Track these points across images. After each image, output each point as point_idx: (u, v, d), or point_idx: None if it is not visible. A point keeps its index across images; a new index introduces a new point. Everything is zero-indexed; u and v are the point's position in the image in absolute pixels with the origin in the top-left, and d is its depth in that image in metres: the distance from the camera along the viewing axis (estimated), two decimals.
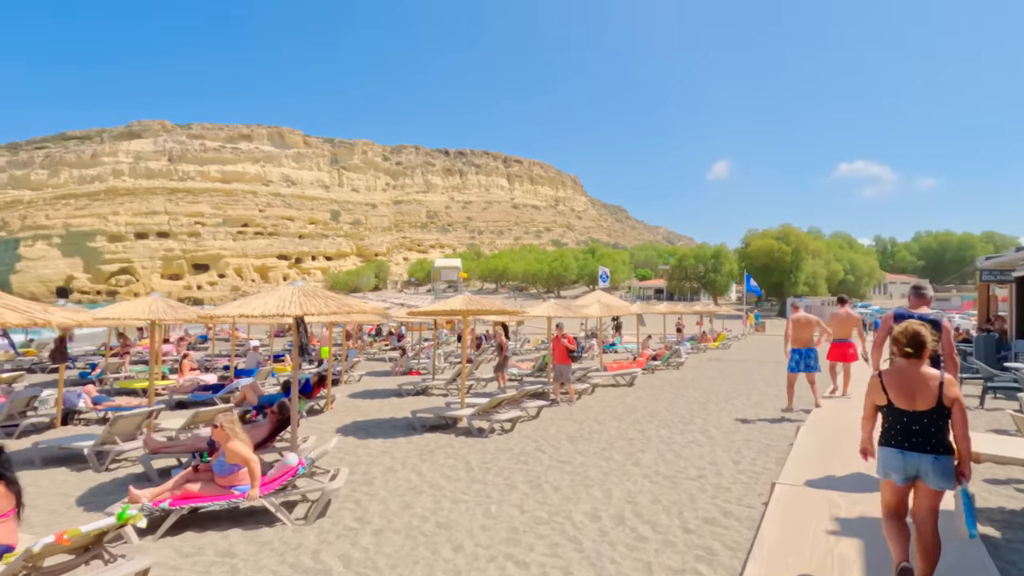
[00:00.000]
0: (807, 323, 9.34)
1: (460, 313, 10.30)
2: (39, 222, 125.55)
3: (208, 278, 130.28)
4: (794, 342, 9.25)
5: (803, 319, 9.36)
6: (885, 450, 3.41)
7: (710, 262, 60.28)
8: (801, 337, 9.23)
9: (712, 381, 15.02)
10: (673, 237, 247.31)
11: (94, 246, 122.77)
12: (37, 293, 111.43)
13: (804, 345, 9.24)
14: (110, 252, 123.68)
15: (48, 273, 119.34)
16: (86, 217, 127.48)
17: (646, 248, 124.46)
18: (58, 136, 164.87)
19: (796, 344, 9.24)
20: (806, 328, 9.29)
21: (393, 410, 12.20)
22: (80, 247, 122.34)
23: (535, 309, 13.48)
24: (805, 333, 9.26)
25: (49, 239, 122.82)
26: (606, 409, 11.06)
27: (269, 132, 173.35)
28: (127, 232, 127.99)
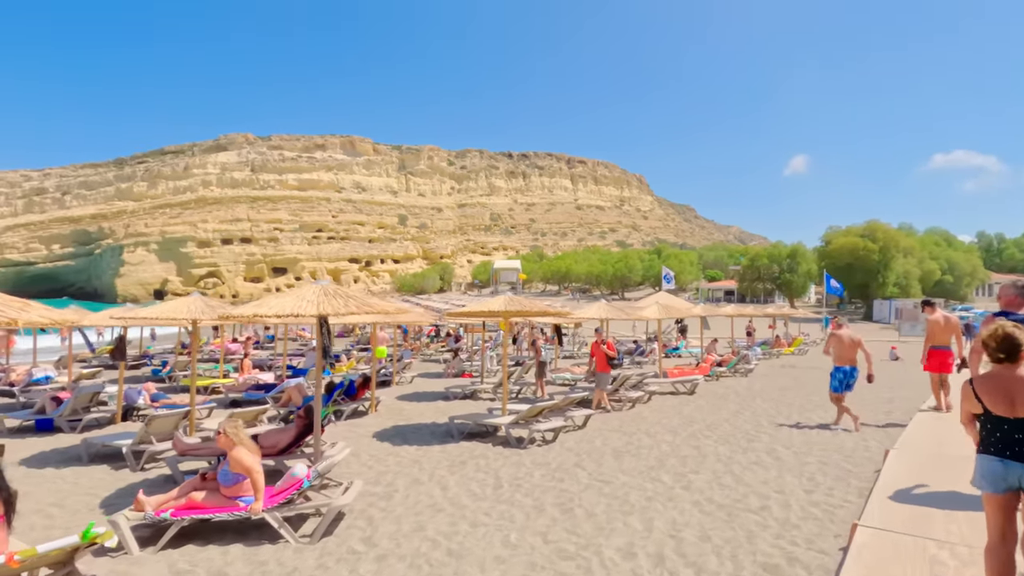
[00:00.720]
0: (851, 343, 8.89)
1: (500, 314, 9.71)
2: (139, 230, 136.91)
3: (286, 280, 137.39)
4: (837, 360, 8.89)
5: (846, 338, 8.91)
6: (984, 458, 3.22)
7: (785, 262, 56.41)
8: (845, 355, 8.84)
9: (784, 391, 13.59)
10: (745, 236, 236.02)
11: (185, 251, 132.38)
12: (137, 295, 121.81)
13: (848, 363, 8.83)
14: (199, 257, 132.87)
15: (146, 276, 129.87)
16: (179, 225, 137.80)
17: (716, 248, 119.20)
18: (156, 151, 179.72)
19: (840, 362, 8.86)
20: (850, 347, 8.86)
21: (436, 414, 11.79)
22: (174, 252, 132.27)
23: (586, 310, 12.68)
24: (850, 351, 8.84)
25: (148, 245, 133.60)
26: (660, 420, 10.10)
27: (341, 141, 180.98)
28: (214, 238, 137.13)
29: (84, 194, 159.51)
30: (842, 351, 8.84)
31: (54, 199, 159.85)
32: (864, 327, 41.56)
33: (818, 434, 8.65)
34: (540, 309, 9.80)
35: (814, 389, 13.65)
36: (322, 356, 6.90)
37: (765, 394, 13.17)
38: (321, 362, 6.93)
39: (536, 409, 8.68)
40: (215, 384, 15.50)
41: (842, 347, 8.85)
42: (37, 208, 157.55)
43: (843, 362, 8.84)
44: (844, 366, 8.83)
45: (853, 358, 8.85)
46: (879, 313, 46.60)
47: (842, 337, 8.92)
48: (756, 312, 22.20)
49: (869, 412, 10.42)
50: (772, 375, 16.81)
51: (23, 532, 5.43)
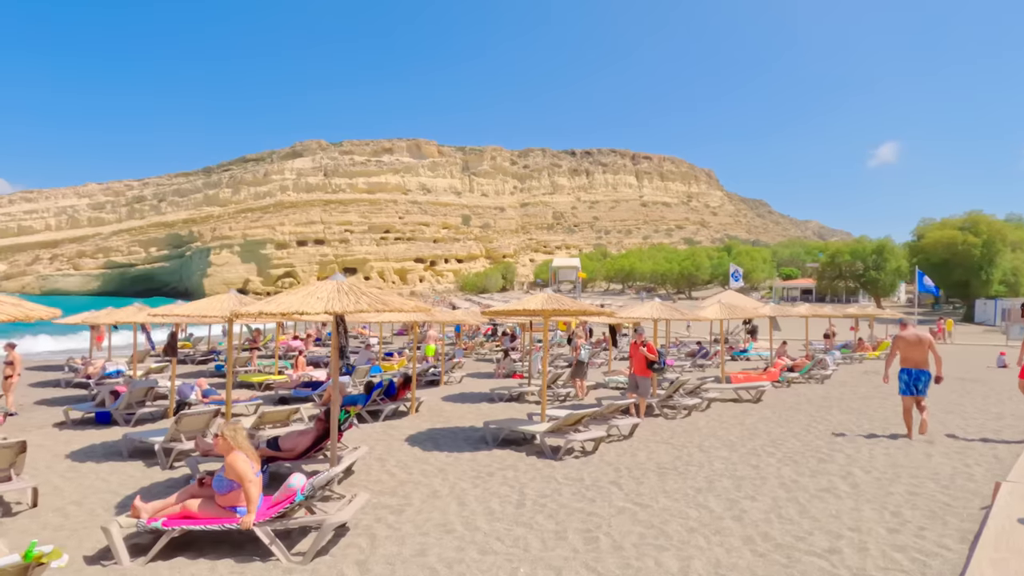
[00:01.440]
0: (918, 342, 8.36)
1: (539, 313, 9.05)
2: (224, 233, 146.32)
3: (356, 280, 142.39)
4: (903, 362, 8.38)
5: (912, 338, 8.41)
6: None
7: (871, 258, 51.84)
8: (912, 357, 8.34)
9: (866, 401, 12.06)
10: (825, 232, 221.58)
11: (265, 253, 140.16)
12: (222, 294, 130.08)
13: (916, 365, 8.32)
14: (277, 258, 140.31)
15: (231, 277, 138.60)
16: (259, 228, 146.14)
17: (792, 244, 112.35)
18: (239, 159, 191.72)
19: (906, 364, 8.38)
20: (917, 347, 8.34)
21: (477, 417, 11.28)
22: (254, 254, 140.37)
23: (636, 309, 11.76)
24: (916, 353, 8.33)
25: (231, 248, 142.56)
26: (717, 432, 9.07)
27: (408, 144, 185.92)
28: (290, 240, 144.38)
29: (177, 201, 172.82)
30: (908, 352, 8.36)
31: (152, 206, 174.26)
32: (965, 329, 37.38)
33: (906, 454, 7.38)
34: (580, 308, 9.05)
35: None
36: (338, 356, 6.52)
37: (843, 404, 11.72)
38: (337, 362, 6.55)
39: (574, 417, 7.95)
40: (268, 381, 15.76)
41: (908, 348, 8.36)
42: (137, 214, 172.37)
43: (909, 363, 8.36)
44: (911, 367, 8.32)
45: (920, 360, 8.31)
46: (982, 314, 41.89)
47: (907, 337, 8.42)
48: (834, 312, 20.18)
49: (974, 429, 8.92)
50: (852, 382, 15.11)
51: (35, 531, 5.36)
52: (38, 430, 10.39)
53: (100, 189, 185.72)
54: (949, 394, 13.04)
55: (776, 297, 72.95)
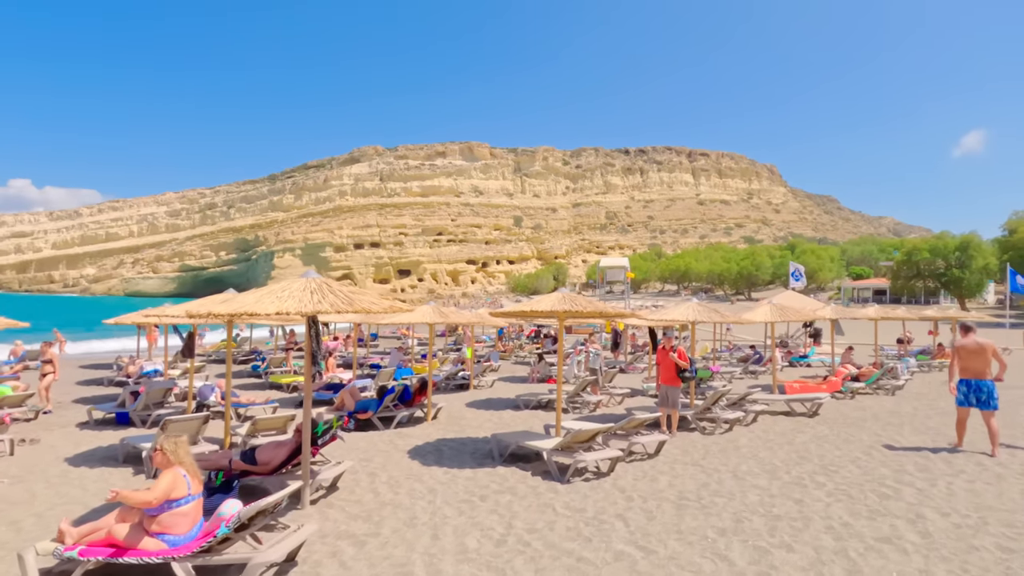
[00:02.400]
0: (979, 350, 7.71)
1: (554, 314, 8.14)
2: (287, 237, 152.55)
3: (410, 282, 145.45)
4: (962, 372, 7.83)
5: (973, 345, 7.76)
6: None
7: (954, 255, 47.11)
8: (971, 367, 7.74)
9: (946, 419, 10.36)
10: (902, 229, 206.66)
11: (324, 256, 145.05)
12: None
13: (976, 376, 7.72)
14: (336, 260, 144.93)
15: None
16: (319, 232, 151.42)
17: (863, 242, 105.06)
18: (301, 166, 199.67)
19: (965, 374, 7.79)
20: (977, 356, 7.71)
21: (497, 426, 10.48)
22: (314, 257, 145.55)
23: (671, 311, 10.58)
24: (976, 362, 7.71)
25: (293, 251, 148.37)
26: (760, 452, 7.83)
27: (460, 147, 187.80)
28: (348, 243, 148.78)
29: (244, 207, 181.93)
30: (968, 361, 7.76)
31: (222, 212, 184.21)
32: None
33: (998, 492, 5.96)
34: (596, 309, 8.05)
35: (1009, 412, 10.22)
36: (311, 362, 5.86)
37: (917, 421, 10.10)
38: (310, 369, 5.89)
39: (585, 433, 6.98)
40: (295, 382, 15.54)
41: (968, 356, 7.76)
42: (209, 220, 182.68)
43: (968, 373, 7.77)
44: (971, 378, 7.74)
45: (981, 369, 7.69)
46: None
47: (967, 345, 7.79)
48: (908, 315, 18.01)
49: None
50: (929, 395, 13.23)
51: None
52: (61, 429, 10.41)
53: (176, 197, 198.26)
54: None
55: (845, 298, 68.13)
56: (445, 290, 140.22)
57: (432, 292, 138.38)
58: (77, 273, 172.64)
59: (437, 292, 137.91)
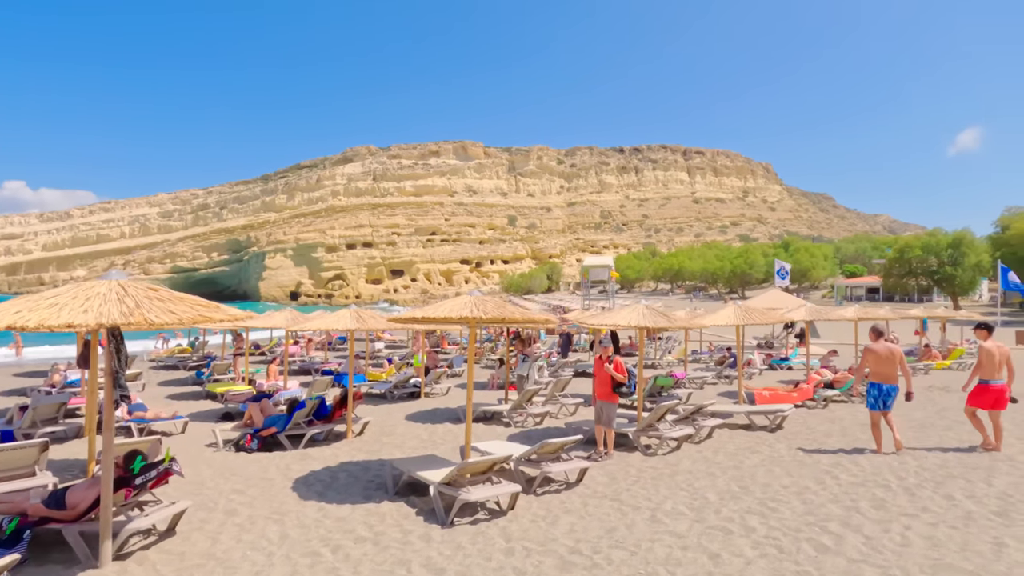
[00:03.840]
0: (889, 355, 7.82)
1: (464, 321, 7.03)
2: (279, 238, 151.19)
3: (403, 282, 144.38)
4: (873, 376, 7.85)
5: (883, 351, 7.86)
6: None
7: (946, 253, 46.08)
8: (882, 371, 7.81)
9: (922, 432, 9.26)
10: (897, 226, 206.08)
11: (316, 256, 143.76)
12: (277, 296, 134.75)
13: (886, 380, 7.83)
14: (328, 261, 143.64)
15: (284, 280, 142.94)
16: (311, 232, 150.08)
17: (857, 240, 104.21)
18: (294, 166, 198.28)
19: (876, 379, 7.83)
20: (888, 361, 7.80)
21: (424, 444, 9.40)
22: (306, 257, 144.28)
23: (615, 314, 9.46)
24: (887, 367, 7.80)
25: (285, 252, 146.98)
26: (697, 482, 6.73)
27: (454, 147, 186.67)
28: (340, 243, 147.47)
29: (237, 208, 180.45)
30: (879, 366, 7.79)
31: (214, 213, 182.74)
32: None
33: (961, 543, 4.85)
34: (519, 315, 6.94)
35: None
36: (112, 383, 4.74)
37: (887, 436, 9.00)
38: (111, 391, 4.77)
39: (479, 465, 5.86)
40: (229, 391, 14.37)
41: (879, 361, 7.80)
42: (202, 221, 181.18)
43: (879, 378, 7.81)
44: (882, 383, 7.79)
45: (891, 374, 7.76)
46: None
47: (878, 350, 7.84)
48: (891, 314, 16.94)
49: None
50: (908, 403, 12.12)
51: None
52: None
53: (169, 198, 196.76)
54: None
55: (839, 297, 67.11)
56: (439, 290, 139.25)
57: (425, 292, 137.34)
58: (67, 275, 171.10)
59: (430, 292, 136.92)
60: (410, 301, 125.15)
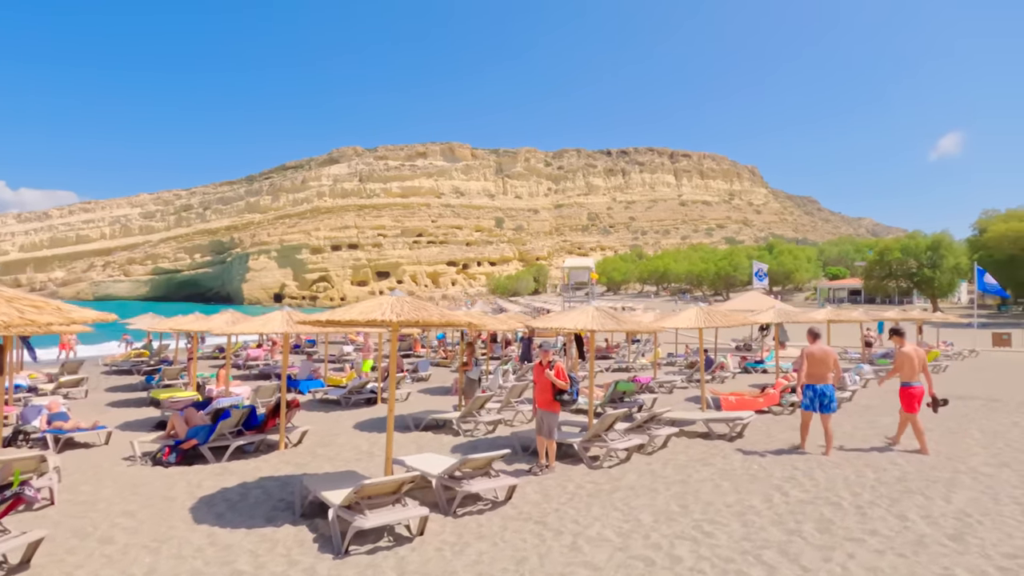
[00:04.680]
0: (824, 357, 8.05)
1: (385, 324, 6.42)
2: (263, 239, 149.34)
3: (389, 284, 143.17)
4: (809, 377, 8.10)
5: (819, 352, 8.10)
6: None
7: (925, 255, 46.25)
8: (816, 372, 8.06)
9: (884, 437, 8.78)
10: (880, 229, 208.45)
11: (300, 258, 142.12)
12: (260, 298, 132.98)
13: (820, 381, 8.06)
14: (312, 263, 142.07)
15: (268, 282, 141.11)
16: (295, 233, 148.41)
17: (841, 242, 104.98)
18: (280, 167, 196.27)
19: (811, 380, 8.10)
20: (822, 363, 8.04)
21: (365, 455, 8.76)
22: (290, 259, 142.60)
23: (562, 317, 8.89)
24: (821, 368, 8.05)
25: (269, 253, 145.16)
26: (635, 500, 6.16)
27: (441, 148, 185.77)
28: (325, 245, 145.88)
29: (221, 208, 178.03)
30: (814, 367, 8.04)
31: (198, 214, 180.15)
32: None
33: (942, 551, 4.31)
34: (439, 318, 6.34)
35: (953, 437, 8.66)
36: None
37: (854, 443, 8.50)
38: None
39: (386, 485, 5.23)
40: (171, 398, 13.60)
41: (814, 363, 8.04)
42: (184, 222, 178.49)
43: (814, 379, 8.05)
44: (815, 383, 8.03)
45: (824, 375, 8.01)
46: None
47: (814, 353, 8.08)
48: (863, 316, 16.57)
49: None
50: (879, 407, 11.69)
51: None
52: None
53: (151, 199, 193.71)
54: (1012, 428, 9.59)
55: (821, 299, 67.33)
56: (425, 292, 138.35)
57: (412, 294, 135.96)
58: (45, 276, 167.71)
59: (417, 294, 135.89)
60: None
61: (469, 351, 10.94)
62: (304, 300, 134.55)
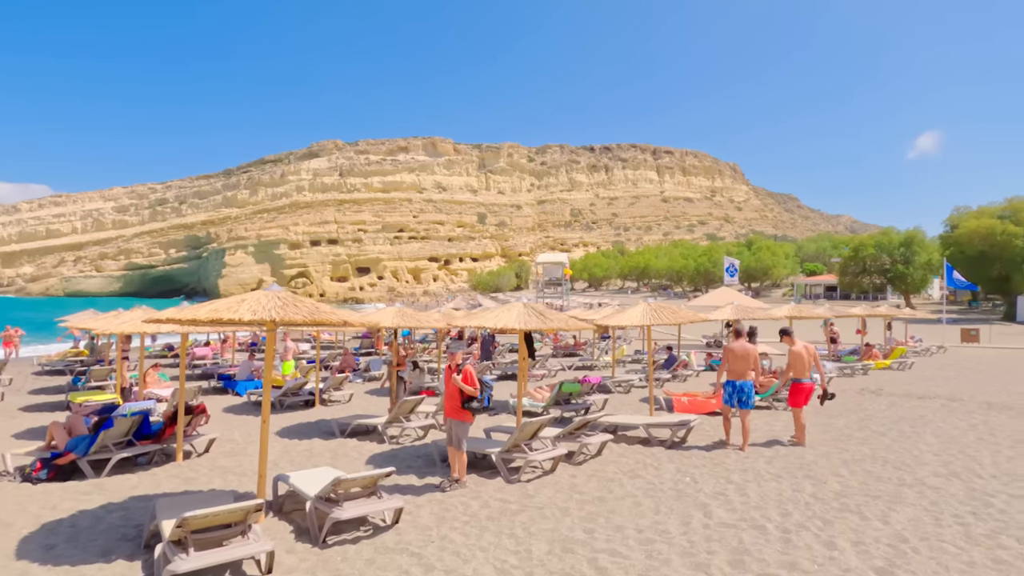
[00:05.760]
0: (745, 354, 8.17)
1: (257, 323, 5.59)
2: (240, 234, 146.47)
3: (369, 280, 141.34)
4: (730, 373, 8.24)
5: (740, 350, 8.20)
6: None
7: (898, 251, 46.41)
8: (736, 369, 8.20)
9: (841, 444, 8.14)
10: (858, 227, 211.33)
11: (278, 253, 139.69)
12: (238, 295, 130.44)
13: (739, 377, 8.20)
14: (290, 258, 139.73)
15: (245, 277, 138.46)
16: (273, 228, 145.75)
17: (819, 239, 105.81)
18: (258, 161, 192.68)
19: (732, 376, 8.22)
20: (743, 360, 8.16)
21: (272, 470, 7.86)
22: (268, 254, 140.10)
23: (488, 315, 8.10)
24: (741, 365, 8.18)
25: (246, 248, 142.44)
26: (536, 525, 5.41)
27: (423, 143, 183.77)
28: (304, 240, 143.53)
29: (197, 203, 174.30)
30: (735, 364, 8.23)
31: (173, 208, 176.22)
32: (1005, 329, 32.27)
33: None
34: (307, 316, 5.51)
35: (908, 440, 8.05)
36: None
37: (792, 456, 7.85)
38: None
39: (217, 516, 4.40)
40: (88, 401, 12.60)
41: (735, 360, 8.23)
42: (159, 217, 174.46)
43: (735, 375, 8.25)
44: (735, 380, 8.22)
45: (744, 371, 8.20)
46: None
47: (735, 349, 8.25)
48: (827, 313, 16.08)
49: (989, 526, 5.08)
50: (835, 409, 11.11)
51: None
52: None
53: (125, 192, 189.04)
54: (968, 432, 9.03)
55: (798, 295, 67.56)
56: (406, 288, 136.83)
57: (392, 290, 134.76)
58: (13, 272, 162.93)
59: (397, 290, 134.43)
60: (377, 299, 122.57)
61: (401, 351, 10.10)
62: None
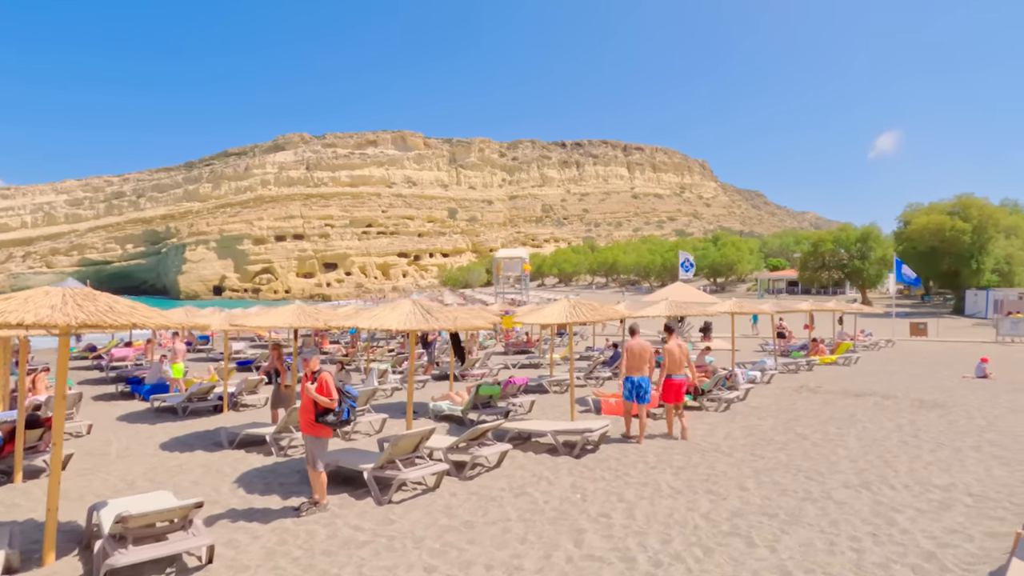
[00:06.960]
0: (641, 351, 8.48)
1: (49, 326, 4.61)
2: (201, 229, 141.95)
3: (336, 276, 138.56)
4: (628, 370, 8.53)
5: (637, 347, 8.49)
6: None
7: (855, 247, 47.16)
8: (634, 365, 8.48)
9: (760, 449, 7.55)
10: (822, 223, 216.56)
11: (242, 248, 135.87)
12: (199, 291, 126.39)
13: (637, 373, 8.46)
14: (255, 254, 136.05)
15: (207, 274, 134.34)
16: (236, 223, 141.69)
17: (783, 235, 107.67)
18: (221, 154, 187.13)
19: (630, 372, 8.50)
20: (640, 357, 8.47)
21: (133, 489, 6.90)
22: (231, 250, 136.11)
23: (373, 314, 7.27)
24: (638, 361, 8.46)
25: (207, 243, 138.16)
26: (382, 556, 4.62)
27: (393, 137, 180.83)
28: (269, 235, 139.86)
29: (156, 196, 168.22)
30: (632, 361, 8.44)
31: (131, 202, 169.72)
32: (953, 323, 32.84)
33: None
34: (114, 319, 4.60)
35: (824, 439, 7.48)
36: None
37: (718, 463, 7.22)
38: None
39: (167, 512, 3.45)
40: None
41: (632, 357, 8.43)
42: (116, 211, 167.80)
43: (633, 372, 8.43)
44: (633, 376, 8.42)
45: (641, 367, 8.40)
46: (972, 306, 37.39)
47: (632, 347, 8.45)
48: (773, 308, 15.70)
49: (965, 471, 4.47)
50: (769, 408, 10.59)
51: None
52: None
53: (79, 185, 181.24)
54: (893, 433, 8.56)
55: (761, 289, 68.36)
56: (375, 284, 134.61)
57: (360, 286, 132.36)
58: None
59: (365, 286, 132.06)
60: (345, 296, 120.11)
61: (276, 353, 9.17)
62: (246, 293, 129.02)
